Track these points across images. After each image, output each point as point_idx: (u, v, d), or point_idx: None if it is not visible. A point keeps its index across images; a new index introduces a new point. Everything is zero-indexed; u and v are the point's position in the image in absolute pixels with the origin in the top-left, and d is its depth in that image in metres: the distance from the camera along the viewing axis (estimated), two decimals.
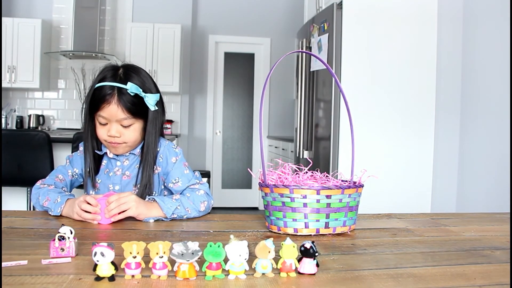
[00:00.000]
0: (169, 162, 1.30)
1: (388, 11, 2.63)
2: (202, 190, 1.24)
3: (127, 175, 1.30)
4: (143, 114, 1.24)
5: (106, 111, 1.19)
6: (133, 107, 1.20)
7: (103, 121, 1.21)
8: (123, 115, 1.19)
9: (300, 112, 3.15)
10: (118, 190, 1.29)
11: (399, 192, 2.62)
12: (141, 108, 1.22)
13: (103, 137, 1.23)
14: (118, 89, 1.18)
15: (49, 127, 4.95)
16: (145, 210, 1.11)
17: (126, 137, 1.23)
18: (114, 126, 1.20)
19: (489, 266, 0.80)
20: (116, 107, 1.18)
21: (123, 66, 1.25)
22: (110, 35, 5.01)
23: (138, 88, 1.19)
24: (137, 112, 1.21)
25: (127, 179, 1.30)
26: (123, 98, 1.18)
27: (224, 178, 5.54)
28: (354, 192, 1.02)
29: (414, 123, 2.65)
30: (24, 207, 3.10)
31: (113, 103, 1.18)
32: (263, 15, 5.41)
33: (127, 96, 1.18)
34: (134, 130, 1.24)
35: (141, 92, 1.20)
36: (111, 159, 1.31)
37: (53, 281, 0.66)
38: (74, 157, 1.36)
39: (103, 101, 1.18)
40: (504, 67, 2.16)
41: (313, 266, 0.72)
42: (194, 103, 5.36)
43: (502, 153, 2.16)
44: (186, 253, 0.67)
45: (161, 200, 1.14)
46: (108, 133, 1.21)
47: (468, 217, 1.31)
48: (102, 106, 1.18)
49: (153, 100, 1.23)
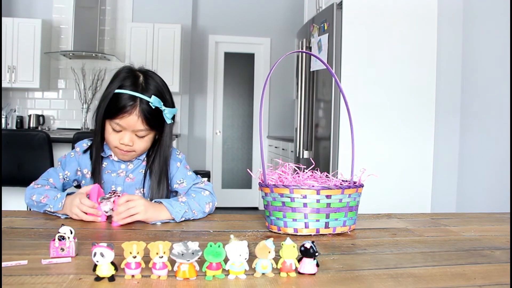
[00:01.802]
0: (174, 167, 1.32)
1: (388, 11, 2.63)
2: (207, 190, 1.25)
3: (131, 177, 1.31)
4: (158, 127, 1.24)
5: (124, 121, 1.17)
6: (152, 119, 1.19)
7: (118, 129, 1.20)
8: (141, 127, 1.19)
9: (300, 112, 3.15)
10: (121, 191, 1.30)
11: (399, 192, 2.62)
12: (158, 120, 1.22)
13: (113, 143, 1.22)
14: (140, 100, 1.17)
15: (49, 127, 4.95)
16: (154, 213, 1.10)
17: (137, 146, 1.23)
18: (128, 135, 1.20)
19: (489, 266, 0.80)
20: (136, 118, 1.17)
21: (143, 73, 1.24)
22: (110, 35, 5.01)
23: (160, 102, 1.19)
24: (154, 124, 1.21)
25: (131, 182, 1.31)
26: (144, 110, 1.17)
27: (224, 178, 5.54)
28: (354, 192, 1.02)
29: (414, 123, 2.65)
30: (24, 207, 3.10)
31: (134, 114, 1.17)
32: (263, 15, 5.41)
33: (149, 108, 1.18)
34: (146, 141, 1.24)
35: (162, 106, 1.20)
36: (114, 161, 1.31)
37: (53, 281, 0.66)
38: (67, 158, 1.34)
39: (123, 110, 1.16)
40: (504, 67, 2.16)
41: (313, 266, 0.72)
42: (194, 103, 5.36)
43: (502, 153, 2.16)
44: (186, 253, 0.67)
45: (169, 204, 1.12)
46: (121, 141, 1.20)
47: (468, 217, 1.31)
48: (121, 115, 1.17)
49: (171, 114, 1.23)
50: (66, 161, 1.33)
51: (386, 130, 2.64)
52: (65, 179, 1.32)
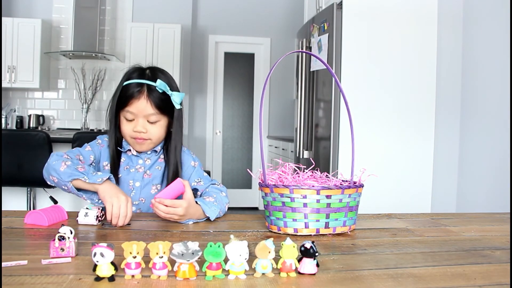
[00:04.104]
0: (189, 166, 1.36)
1: (388, 11, 2.63)
2: (223, 192, 1.31)
3: (148, 174, 1.34)
4: (168, 112, 1.28)
5: (134, 107, 1.22)
6: (161, 103, 1.24)
7: (130, 117, 1.25)
8: (151, 111, 1.23)
9: (300, 112, 3.15)
10: (139, 186, 1.32)
11: (399, 192, 2.62)
12: (168, 105, 1.26)
13: (128, 133, 1.26)
14: (147, 86, 1.23)
15: (49, 127, 4.94)
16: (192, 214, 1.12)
17: (151, 133, 1.26)
18: (140, 122, 1.24)
19: (489, 266, 0.80)
20: (145, 102, 1.22)
21: (149, 68, 1.31)
22: (110, 35, 5.01)
23: (166, 86, 1.24)
24: (164, 109, 1.26)
25: (148, 178, 1.33)
26: (152, 94, 1.23)
27: (224, 178, 5.54)
28: (354, 192, 1.02)
29: (414, 123, 2.65)
30: (24, 207, 3.10)
31: (142, 98, 1.22)
32: (263, 15, 5.41)
33: (156, 92, 1.23)
34: (160, 127, 1.28)
35: (169, 90, 1.24)
36: (132, 156, 1.34)
37: (53, 281, 0.66)
38: (92, 145, 1.34)
39: (132, 96, 1.22)
40: (504, 67, 2.16)
41: (313, 266, 0.72)
42: (194, 103, 5.36)
43: (502, 153, 2.16)
44: (186, 253, 0.67)
45: (205, 204, 1.16)
46: (135, 129, 1.24)
47: (468, 217, 1.31)
48: (131, 101, 1.22)
49: (179, 98, 1.27)
50: (93, 147, 1.34)
51: (386, 130, 2.64)
52: (92, 164, 1.30)
